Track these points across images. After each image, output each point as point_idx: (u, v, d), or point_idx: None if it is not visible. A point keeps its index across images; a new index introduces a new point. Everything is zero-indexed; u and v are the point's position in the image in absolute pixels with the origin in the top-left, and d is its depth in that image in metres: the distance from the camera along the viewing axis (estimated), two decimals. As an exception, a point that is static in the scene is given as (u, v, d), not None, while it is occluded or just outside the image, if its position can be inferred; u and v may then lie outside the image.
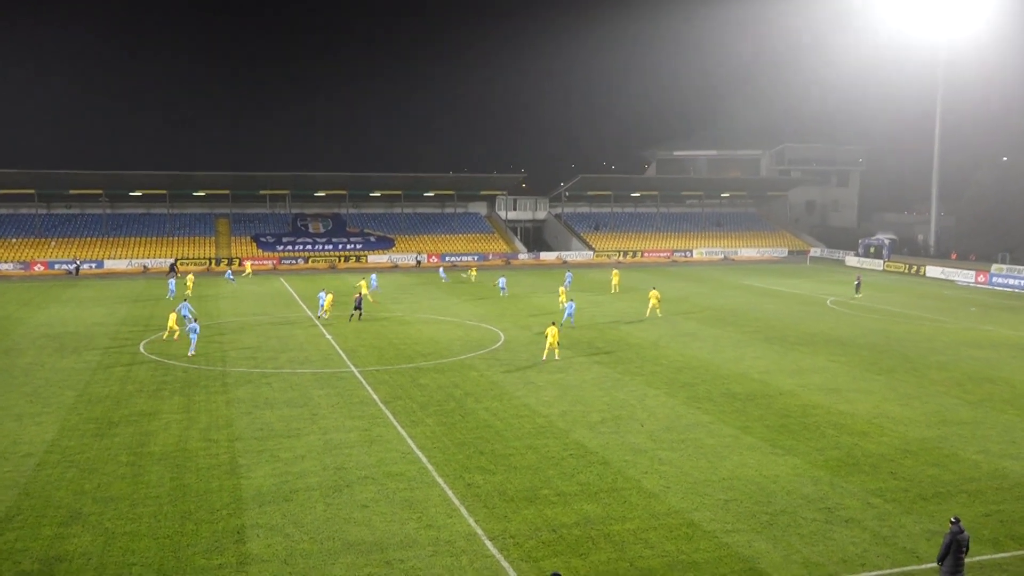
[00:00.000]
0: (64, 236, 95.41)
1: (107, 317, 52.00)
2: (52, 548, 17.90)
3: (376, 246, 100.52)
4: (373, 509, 20.09)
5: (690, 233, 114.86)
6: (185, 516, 19.64)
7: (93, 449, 24.79)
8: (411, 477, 22.33)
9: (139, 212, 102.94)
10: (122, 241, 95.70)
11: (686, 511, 20.12)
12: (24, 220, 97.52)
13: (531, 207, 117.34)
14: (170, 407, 29.71)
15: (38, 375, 35.11)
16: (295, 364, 37.22)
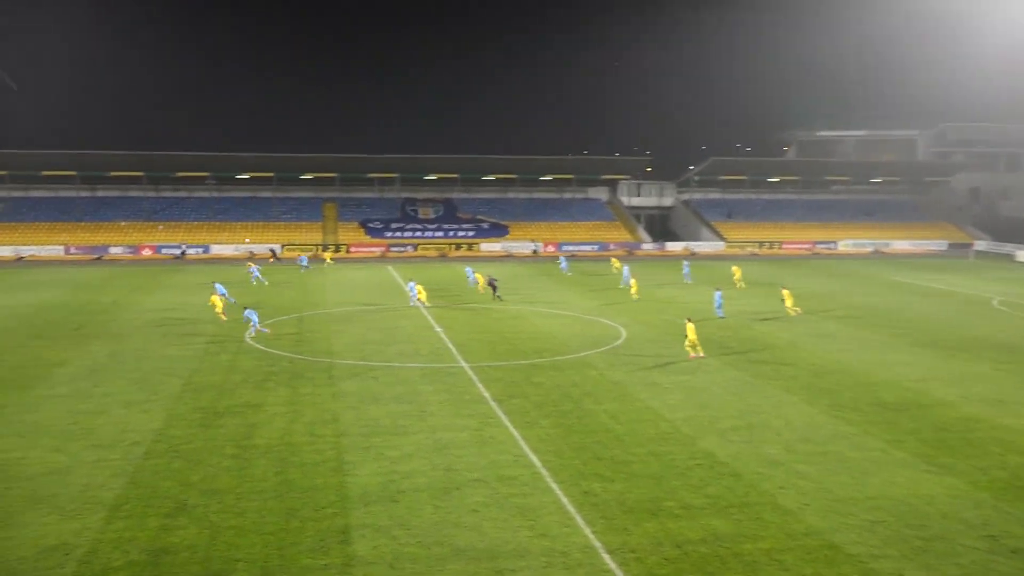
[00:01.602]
0: (171, 219, 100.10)
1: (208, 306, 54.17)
2: (159, 539, 18.87)
3: (489, 233, 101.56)
4: (484, 514, 20.34)
5: (835, 223, 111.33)
6: (290, 513, 20.36)
7: (199, 439, 25.98)
8: (524, 482, 22.49)
9: (245, 195, 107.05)
10: (228, 226, 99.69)
11: (826, 532, 19.59)
12: (133, 203, 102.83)
13: (656, 193, 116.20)
14: (275, 399, 30.82)
15: (146, 362, 37.00)
16: (403, 357, 38.01)
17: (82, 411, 29.11)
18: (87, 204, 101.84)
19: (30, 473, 22.97)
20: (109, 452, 24.76)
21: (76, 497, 21.24)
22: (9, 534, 19.05)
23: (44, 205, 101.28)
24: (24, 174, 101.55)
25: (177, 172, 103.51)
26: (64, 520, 19.82)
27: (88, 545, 18.52)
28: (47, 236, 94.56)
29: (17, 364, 36.56)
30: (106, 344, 40.97)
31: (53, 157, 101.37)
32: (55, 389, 32.23)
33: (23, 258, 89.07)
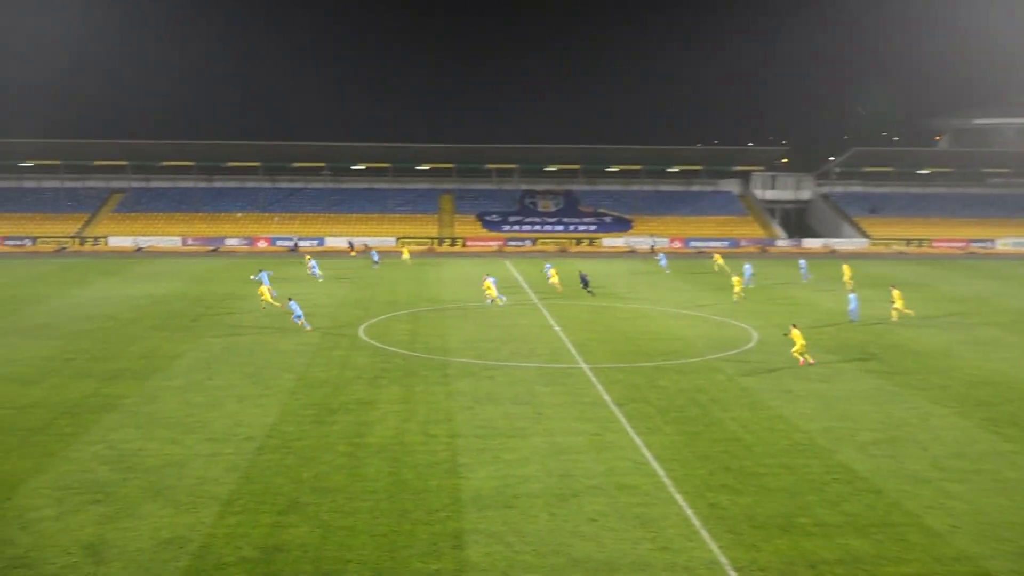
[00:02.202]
0: (286, 211, 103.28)
1: (326, 298, 55.81)
2: (271, 537, 19.53)
3: (611, 228, 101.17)
4: (602, 524, 20.31)
5: (992, 219, 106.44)
6: (402, 515, 20.76)
7: (311, 436, 26.76)
8: (645, 491, 22.35)
9: (361, 187, 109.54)
10: (343, 218, 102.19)
11: (979, 558, 18.80)
12: (249, 194, 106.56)
13: (793, 185, 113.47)
14: (388, 396, 31.47)
15: (259, 355, 38.32)
16: (520, 357, 38.25)
17: (197, 404, 30.37)
18: (204, 195, 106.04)
19: (147, 465, 24.10)
20: (223, 446, 25.76)
21: (191, 491, 22.18)
22: (128, 525, 20.04)
23: (163, 196, 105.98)
24: (144, 164, 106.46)
25: (293, 163, 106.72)
26: (179, 513, 20.72)
27: (202, 540, 19.31)
28: (165, 227, 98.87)
29: (138, 355, 38.39)
30: (221, 337, 42.60)
31: (172, 148, 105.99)
32: (172, 381, 33.72)
33: (141, 249, 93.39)
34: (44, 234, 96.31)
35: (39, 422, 28.12)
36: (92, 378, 34.12)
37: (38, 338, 42.06)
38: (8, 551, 18.68)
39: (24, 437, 26.55)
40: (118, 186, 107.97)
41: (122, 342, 41.23)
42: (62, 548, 18.84)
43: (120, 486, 22.51)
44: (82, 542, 19.14)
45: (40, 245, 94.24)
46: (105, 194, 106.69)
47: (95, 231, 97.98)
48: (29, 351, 38.96)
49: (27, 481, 22.85)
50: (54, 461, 24.40)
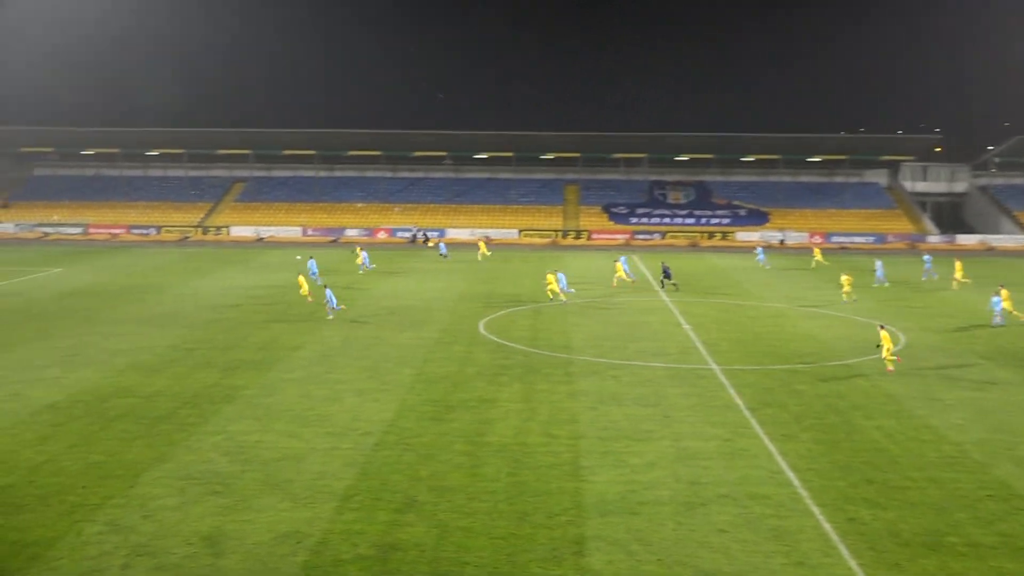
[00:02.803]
0: (407, 201, 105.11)
1: (445, 291, 56.60)
2: (387, 535, 19.94)
3: (746, 221, 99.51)
4: (732, 535, 20.03)
5: None
6: (522, 517, 20.91)
7: (430, 433, 27.20)
8: (779, 502, 21.94)
9: (483, 176, 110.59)
10: (464, 208, 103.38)
11: None
12: (370, 183, 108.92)
13: (946, 177, 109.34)
14: (509, 395, 31.73)
15: (378, 349, 39.14)
16: (646, 356, 38.03)
17: (316, 397, 31.24)
18: (325, 184, 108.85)
19: (266, 457, 24.93)
20: (341, 440, 26.43)
21: (309, 485, 22.83)
22: (247, 517, 20.78)
23: (284, 185, 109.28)
24: (266, 153, 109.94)
25: (414, 152, 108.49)
26: (297, 508, 21.36)
27: (319, 535, 19.87)
28: (286, 216, 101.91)
29: (258, 346, 39.73)
30: (340, 329, 43.67)
31: (294, 136, 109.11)
32: (291, 373, 34.76)
33: (263, 239, 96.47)
34: (168, 223, 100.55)
35: (162, 411, 29.42)
36: (213, 368, 35.49)
37: (162, 327, 43.97)
38: (132, 539, 19.61)
39: (148, 426, 27.82)
40: (240, 175, 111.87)
41: (243, 333, 42.72)
42: (182, 538, 19.66)
43: (239, 478, 23.35)
44: (201, 533, 19.94)
45: (164, 234, 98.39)
46: (228, 183, 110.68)
47: (217, 220, 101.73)
48: (153, 340, 40.77)
49: (150, 469, 23.94)
50: (176, 451, 25.49)
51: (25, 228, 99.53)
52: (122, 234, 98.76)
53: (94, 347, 39.36)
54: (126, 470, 23.91)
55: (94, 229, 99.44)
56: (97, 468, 24.06)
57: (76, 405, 30.18)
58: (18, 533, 19.89)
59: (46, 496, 22.07)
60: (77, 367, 35.65)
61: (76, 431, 27.32)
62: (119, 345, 39.74)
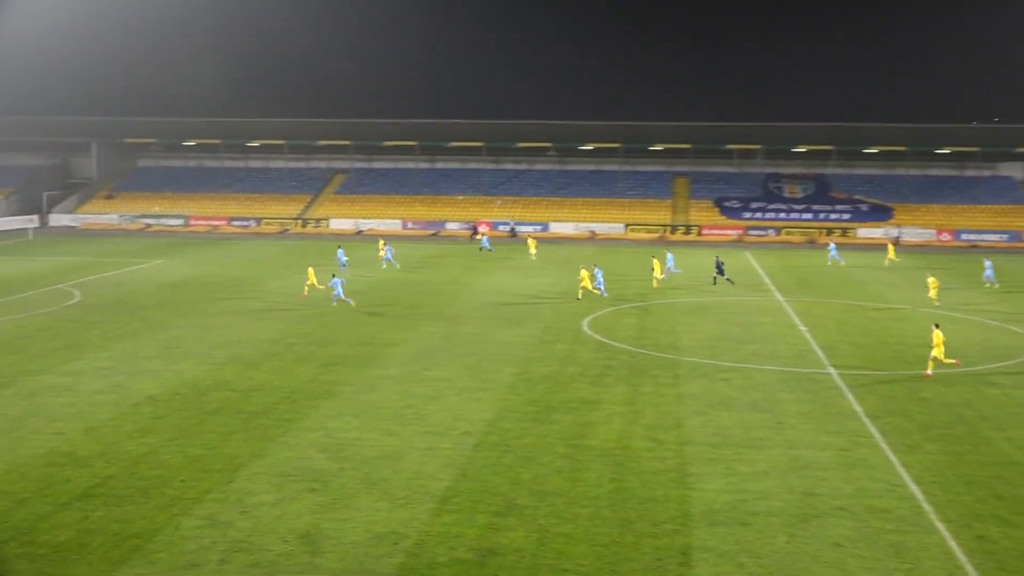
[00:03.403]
0: (509, 194, 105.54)
1: (549, 288, 56.73)
2: (486, 538, 20.10)
3: (868, 216, 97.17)
4: (848, 550, 19.64)
5: None
6: (625, 525, 20.85)
7: (531, 435, 27.31)
8: (900, 516, 21.43)
9: (588, 168, 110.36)
10: (568, 202, 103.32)
11: None
12: (471, 175, 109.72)
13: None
14: (613, 396, 31.65)
15: (479, 347, 39.46)
16: (760, 359, 37.51)
17: (415, 395, 31.66)
18: (426, 176, 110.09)
19: (364, 456, 25.37)
20: (440, 440, 26.74)
21: (406, 485, 23.16)
22: (344, 516, 21.19)
23: (384, 177, 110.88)
24: (367, 144, 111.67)
25: (517, 142, 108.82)
26: (394, 508, 21.69)
27: (416, 536, 20.14)
28: (385, 209, 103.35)
29: (357, 342, 40.45)
30: (440, 326, 44.16)
31: (395, 127, 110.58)
32: (390, 370, 35.30)
33: (362, 232, 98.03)
34: (268, 215, 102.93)
35: (261, 406, 30.20)
36: (312, 363, 36.26)
37: (261, 320, 45.11)
38: (230, 534, 20.19)
39: (246, 420, 28.59)
40: (340, 167, 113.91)
41: (342, 328, 43.53)
42: (279, 535, 20.15)
43: (336, 476, 23.82)
44: (298, 531, 20.41)
45: (264, 226, 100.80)
46: (328, 175, 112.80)
47: (316, 213, 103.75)
48: (253, 333, 41.86)
49: (248, 465, 24.61)
50: (273, 446, 26.13)
51: (128, 219, 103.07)
52: (222, 226, 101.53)
53: (194, 340, 40.60)
54: (224, 464, 24.62)
55: (195, 221, 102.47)
56: (196, 462, 24.83)
57: (176, 398, 31.19)
58: (120, 524, 20.67)
59: (147, 488, 22.88)
60: (177, 359, 36.83)
61: (176, 424, 28.24)
62: (218, 338, 40.92)
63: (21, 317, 46.06)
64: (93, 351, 38.35)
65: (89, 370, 35.09)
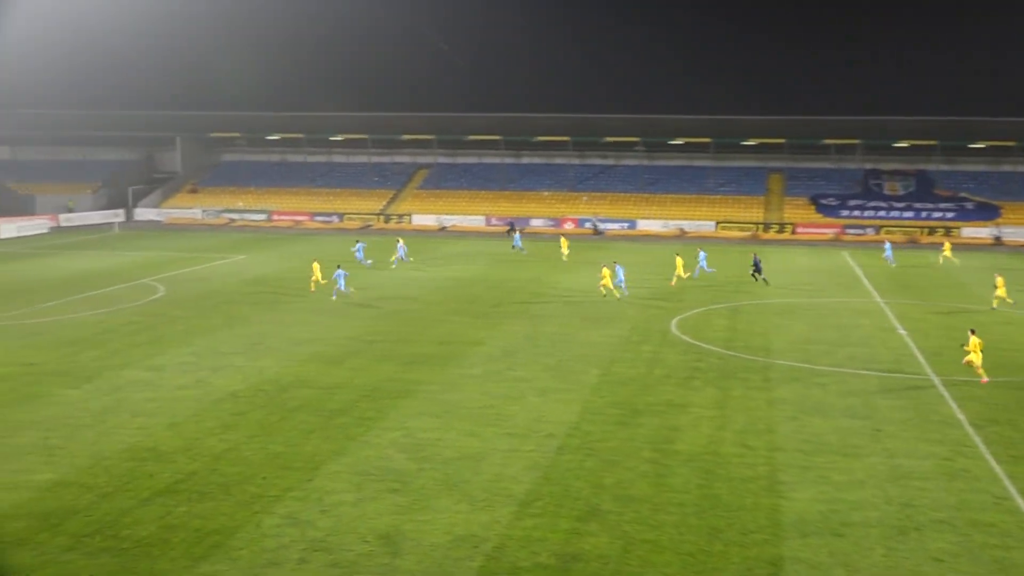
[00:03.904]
0: (595, 190, 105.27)
1: (637, 287, 56.36)
2: (569, 544, 20.09)
3: (974, 215, 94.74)
4: (950, 565, 19.20)
5: None
6: (712, 533, 20.66)
7: (615, 438, 27.22)
8: (1006, 531, 20.87)
9: (678, 164, 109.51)
10: (656, 198, 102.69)
11: None
12: (557, 171, 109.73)
13: None
14: (701, 400, 31.39)
15: (562, 347, 39.45)
16: (856, 363, 36.84)
17: (497, 395, 31.79)
18: (511, 171, 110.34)
19: (445, 456, 25.55)
20: (522, 442, 26.80)
21: (487, 487, 23.27)
22: (424, 518, 21.37)
23: (468, 172, 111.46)
24: (451, 138, 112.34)
25: (604, 137, 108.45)
26: (475, 510, 21.80)
27: (497, 540, 20.22)
28: (468, 205, 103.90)
29: (439, 340, 40.76)
30: (523, 324, 44.25)
31: (479, 120, 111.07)
32: (472, 369, 35.50)
33: (445, 228, 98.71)
34: (350, 211, 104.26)
35: (341, 404, 30.61)
36: (393, 361, 36.64)
37: (342, 317, 45.72)
38: (309, 533, 20.50)
39: (327, 418, 29.01)
40: (424, 161, 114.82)
41: (423, 326, 43.91)
42: (359, 535, 20.40)
43: (416, 476, 24.03)
44: (378, 531, 20.64)
45: (346, 222, 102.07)
46: (411, 170, 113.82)
47: (399, 208, 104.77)
48: (334, 330, 42.45)
49: (328, 463, 24.97)
50: (354, 445, 26.46)
51: (212, 214, 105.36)
52: (304, 221, 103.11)
53: (276, 336, 41.31)
54: (305, 463, 25.01)
55: (277, 216, 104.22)
56: (277, 459, 25.27)
57: (258, 394, 31.79)
58: (201, 521, 21.13)
59: (228, 485, 23.36)
60: (259, 356, 37.52)
61: (257, 421, 28.78)
62: (300, 335, 41.57)
63: (106, 312, 47.39)
64: (176, 346, 39.28)
65: (172, 365, 35.96)
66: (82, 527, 20.87)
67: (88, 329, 42.82)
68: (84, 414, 29.52)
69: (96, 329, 42.82)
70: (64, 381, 33.60)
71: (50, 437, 27.24)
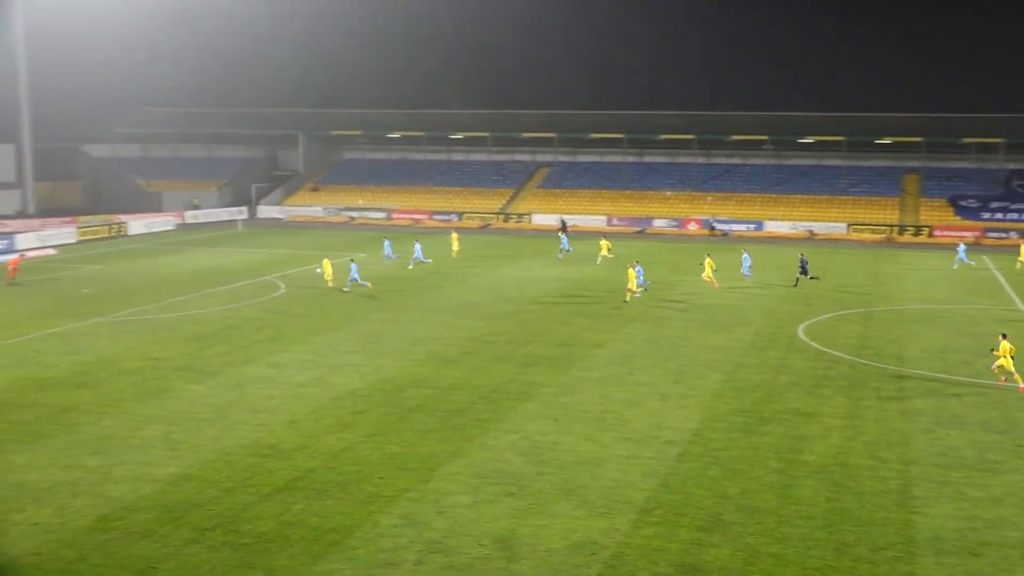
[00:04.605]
0: (720, 190, 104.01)
1: (762, 290, 55.52)
2: (688, 554, 19.91)
3: None
4: (1098, 591, 18.42)
5: None
6: (841, 548, 20.23)
7: (739, 447, 26.88)
8: None
9: (808, 163, 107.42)
10: (784, 199, 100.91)
11: None
12: (681, 170, 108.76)
13: None
14: (830, 409, 30.75)
15: (685, 351, 39.11)
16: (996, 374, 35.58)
17: (616, 399, 31.69)
18: (633, 170, 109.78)
19: (562, 460, 25.59)
20: (641, 448, 26.66)
21: (605, 493, 23.22)
22: (541, 522, 21.44)
23: (589, 171, 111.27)
24: (572, 136, 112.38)
25: (730, 135, 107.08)
26: (592, 517, 21.78)
27: (615, 548, 20.15)
28: (590, 204, 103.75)
29: (557, 341, 40.83)
30: (644, 327, 44.00)
31: (602, 118, 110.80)
32: (591, 372, 35.46)
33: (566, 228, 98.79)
34: (469, 209, 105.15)
35: (458, 404, 30.93)
36: (511, 363, 36.85)
37: (461, 317, 46.18)
38: (426, 534, 20.77)
39: (443, 419, 29.35)
40: (544, 160, 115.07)
41: (542, 327, 44.03)
42: (475, 538, 20.58)
43: (534, 480, 24.12)
44: (494, 535, 20.78)
45: (465, 221, 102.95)
46: (531, 168, 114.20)
47: (519, 207, 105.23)
48: (452, 330, 42.90)
49: (445, 464, 25.25)
50: (471, 447, 26.71)
51: (332, 212, 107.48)
52: (424, 220, 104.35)
53: (394, 335, 41.95)
54: (421, 463, 25.35)
55: (397, 214, 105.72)
56: (394, 459, 25.67)
57: (375, 393, 32.34)
58: (319, 519, 21.61)
59: (345, 484, 23.83)
60: (377, 354, 38.16)
61: (374, 420, 29.28)
62: (418, 334, 42.13)
63: (229, 308, 48.82)
64: (296, 343, 40.22)
65: (292, 363, 36.83)
66: (204, 521, 21.55)
67: (212, 325, 44.17)
68: (207, 409, 30.49)
69: (220, 325, 44.14)
70: (188, 376, 34.76)
71: (174, 431, 28.22)
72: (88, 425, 28.93)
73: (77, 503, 22.75)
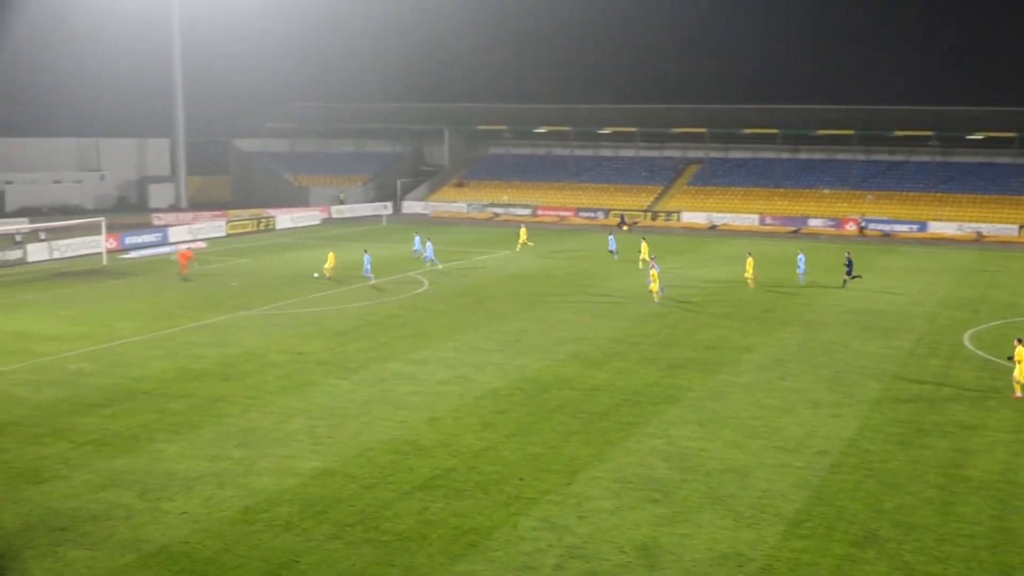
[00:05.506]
0: (881, 188, 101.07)
1: (925, 295, 53.84)
2: (842, 570, 19.48)
3: None
4: None
5: None
6: (1006, 571, 19.50)
7: (896, 459, 26.14)
8: None
9: (977, 161, 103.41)
10: (950, 198, 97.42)
11: None
12: (839, 167, 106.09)
13: None
14: (998, 422, 29.64)
15: (840, 357, 38.20)
16: None
17: (766, 406, 31.19)
18: (788, 167, 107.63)
19: (708, 468, 25.33)
20: (792, 457, 26.18)
21: (754, 503, 22.89)
22: (685, 531, 21.28)
23: (741, 167, 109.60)
24: (723, 132, 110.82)
25: (893, 131, 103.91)
26: (740, 527, 21.50)
27: (762, 560, 19.86)
28: (741, 203, 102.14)
29: (705, 344, 40.41)
30: (797, 331, 43.16)
31: (755, 113, 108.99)
32: (739, 377, 34.98)
33: (716, 227, 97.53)
34: (617, 206, 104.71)
35: (602, 407, 30.92)
36: (656, 365, 36.63)
37: (605, 317, 46.11)
38: (566, 539, 20.83)
39: (586, 421, 29.38)
40: (694, 156, 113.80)
41: (689, 329, 43.62)
42: (616, 545, 20.54)
43: (678, 487, 23.94)
44: (636, 542, 20.71)
45: (611, 218, 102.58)
46: (681, 164, 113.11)
47: (667, 205, 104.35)
48: (596, 331, 42.89)
49: (587, 468, 25.29)
50: (614, 451, 26.67)
51: (476, 208, 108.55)
52: (569, 217, 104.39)
53: (537, 334, 42.17)
54: (563, 466, 25.43)
55: (542, 211, 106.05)
56: (535, 460, 25.82)
57: (516, 393, 32.59)
58: (458, 518, 21.90)
59: (485, 484, 24.09)
60: (519, 353, 38.42)
61: (516, 420, 29.51)
62: (561, 333, 42.25)
63: (372, 304, 49.88)
64: (438, 340, 40.82)
65: (434, 360, 37.40)
66: (345, 516, 22.09)
67: (355, 320, 45.20)
68: (350, 404, 31.23)
69: (362, 321, 45.14)
70: (332, 371, 35.69)
71: (317, 425, 29.02)
72: (234, 417, 30.00)
73: (223, 494, 23.61)
